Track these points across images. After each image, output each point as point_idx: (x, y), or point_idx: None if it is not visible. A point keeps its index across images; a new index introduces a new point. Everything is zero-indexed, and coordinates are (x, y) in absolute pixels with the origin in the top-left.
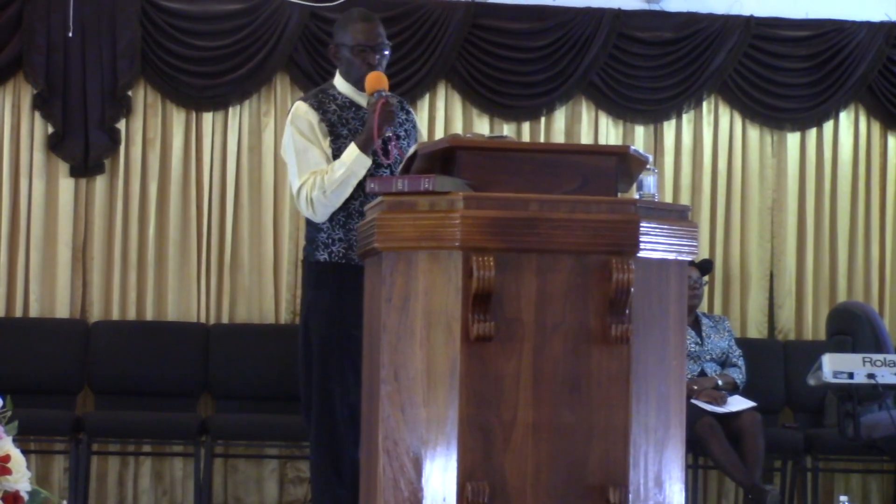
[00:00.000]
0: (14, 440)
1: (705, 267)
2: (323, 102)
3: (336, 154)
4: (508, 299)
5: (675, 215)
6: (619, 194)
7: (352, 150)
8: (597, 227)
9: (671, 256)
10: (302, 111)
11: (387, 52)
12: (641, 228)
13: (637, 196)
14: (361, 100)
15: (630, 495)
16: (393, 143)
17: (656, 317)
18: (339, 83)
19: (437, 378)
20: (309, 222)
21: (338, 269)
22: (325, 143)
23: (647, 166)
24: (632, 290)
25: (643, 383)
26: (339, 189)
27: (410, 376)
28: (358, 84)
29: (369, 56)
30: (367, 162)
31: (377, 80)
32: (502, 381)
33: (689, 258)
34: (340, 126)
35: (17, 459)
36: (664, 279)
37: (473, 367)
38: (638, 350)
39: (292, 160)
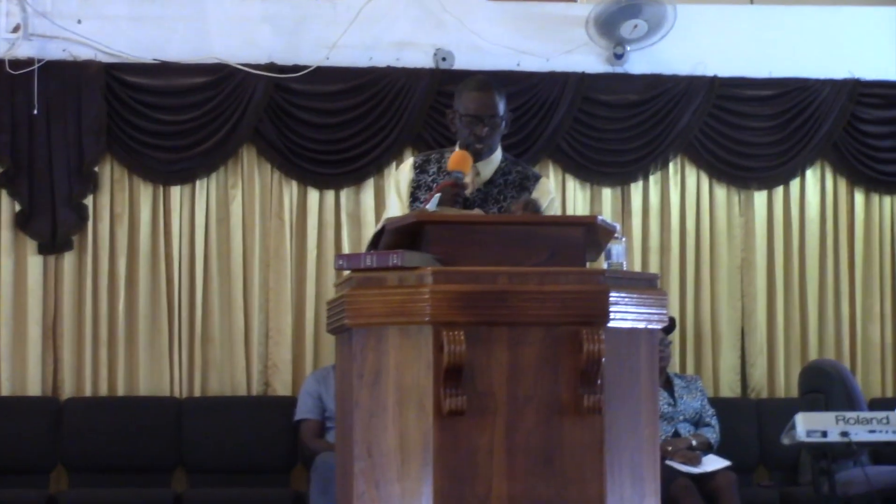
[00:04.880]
0: None
1: (668, 326)
2: (427, 163)
3: None
4: (480, 373)
5: (644, 283)
6: (588, 264)
7: None
8: (566, 298)
9: (641, 325)
10: (406, 166)
11: (499, 123)
12: (611, 298)
13: (605, 265)
14: None
15: None
16: None
17: (628, 386)
18: (456, 149)
19: (411, 453)
20: None
21: None
22: (407, 203)
23: (615, 235)
24: (602, 360)
25: (617, 453)
26: None
27: (384, 452)
28: None
29: (476, 127)
30: None
31: (458, 160)
32: (476, 454)
33: (658, 326)
34: (427, 189)
35: None
36: (635, 348)
37: (446, 442)
38: (610, 420)
39: (384, 210)
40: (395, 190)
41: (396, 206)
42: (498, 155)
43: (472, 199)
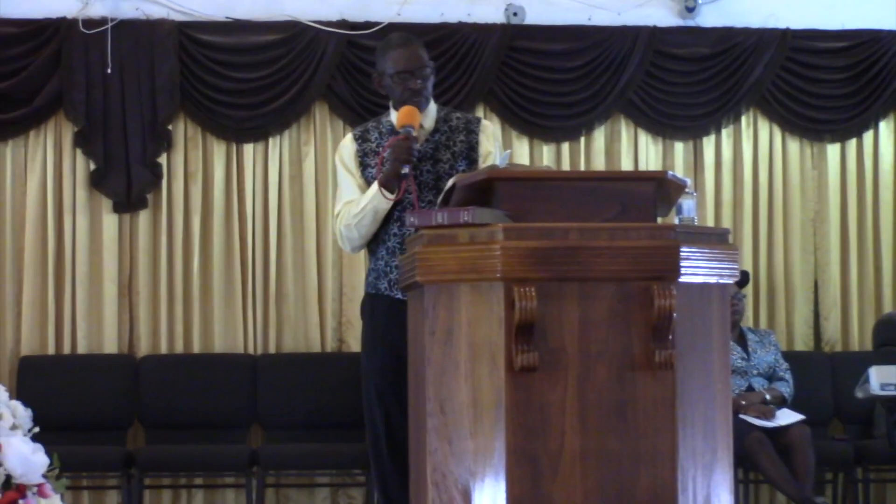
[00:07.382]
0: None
1: (742, 280)
2: (367, 132)
3: (369, 183)
4: (551, 328)
5: (716, 238)
6: (659, 219)
7: (373, 186)
8: (637, 253)
9: (712, 280)
10: (346, 141)
11: (429, 74)
12: (682, 253)
13: (676, 220)
14: None
15: None
16: (406, 181)
17: (699, 341)
18: (391, 111)
19: (483, 409)
20: None
21: (372, 299)
22: (358, 174)
23: (686, 190)
24: (674, 315)
25: (689, 408)
26: (359, 223)
27: (456, 408)
28: None
29: (410, 81)
30: (384, 197)
31: (407, 115)
32: (548, 410)
33: (730, 281)
34: (374, 155)
35: None
36: (706, 303)
37: (519, 398)
38: (682, 375)
39: (337, 189)
40: (342, 167)
41: (349, 181)
42: (433, 105)
43: (423, 152)
